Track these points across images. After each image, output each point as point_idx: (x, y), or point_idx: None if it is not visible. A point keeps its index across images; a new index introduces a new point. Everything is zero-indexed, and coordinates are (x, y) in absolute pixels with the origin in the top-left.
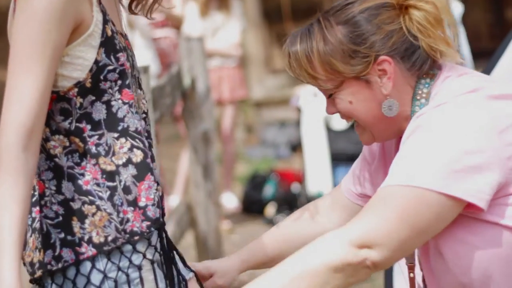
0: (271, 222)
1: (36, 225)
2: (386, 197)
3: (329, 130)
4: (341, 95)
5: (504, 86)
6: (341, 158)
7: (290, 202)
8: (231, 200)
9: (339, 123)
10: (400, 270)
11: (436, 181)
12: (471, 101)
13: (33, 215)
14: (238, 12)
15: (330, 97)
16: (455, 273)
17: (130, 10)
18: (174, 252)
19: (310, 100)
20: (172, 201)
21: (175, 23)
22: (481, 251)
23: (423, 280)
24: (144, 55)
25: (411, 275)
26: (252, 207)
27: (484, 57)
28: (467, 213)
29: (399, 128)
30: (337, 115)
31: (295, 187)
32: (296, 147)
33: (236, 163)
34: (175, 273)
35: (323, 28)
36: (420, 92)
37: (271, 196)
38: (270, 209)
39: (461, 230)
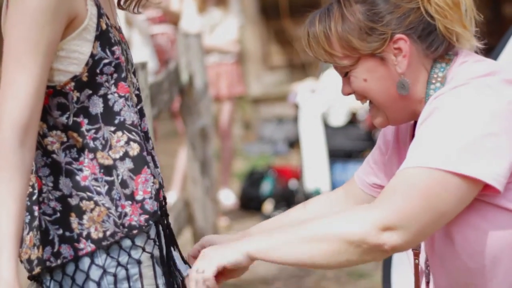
0: (268, 219)
1: (35, 222)
2: (408, 179)
3: (327, 126)
4: (357, 73)
5: None
6: (339, 155)
7: (287, 199)
8: (228, 197)
9: (337, 120)
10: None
11: (455, 163)
12: (487, 85)
13: (35, 213)
14: (236, 8)
15: (345, 75)
16: (463, 258)
17: (119, 6)
18: (173, 248)
19: (307, 96)
20: (170, 198)
21: (173, 19)
22: (492, 236)
23: (427, 265)
24: (142, 52)
25: (416, 261)
26: (249, 203)
27: (482, 54)
28: (481, 197)
29: (414, 111)
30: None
31: (292, 183)
32: (293, 143)
33: (234, 160)
34: (173, 269)
35: (342, 7)
36: (435, 76)
37: (268, 192)
38: (268, 206)
39: (473, 215)
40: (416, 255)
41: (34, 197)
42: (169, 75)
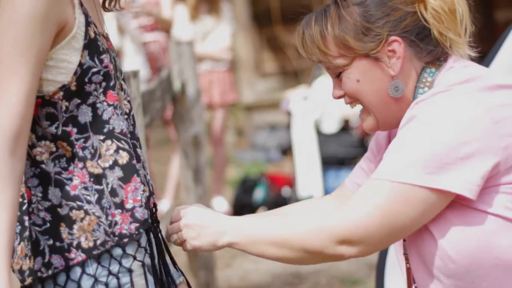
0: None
1: (26, 233)
2: (373, 190)
3: (320, 133)
4: (350, 74)
5: (504, 77)
6: (332, 162)
7: (280, 206)
8: (221, 204)
9: (330, 127)
10: (393, 269)
11: (423, 176)
12: (466, 92)
13: (26, 224)
14: (228, 15)
15: (338, 76)
16: (443, 256)
17: (105, 9)
18: (165, 255)
19: (300, 103)
20: (163, 205)
21: (164, 26)
22: (469, 236)
23: (407, 266)
24: (134, 60)
25: (408, 265)
26: (242, 211)
27: (474, 60)
28: (459, 201)
29: (403, 115)
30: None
31: (285, 191)
32: (286, 150)
33: (227, 167)
34: (165, 277)
35: (339, 8)
36: (424, 80)
37: (261, 200)
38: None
39: (449, 213)
40: (408, 259)
41: (24, 207)
42: (161, 83)
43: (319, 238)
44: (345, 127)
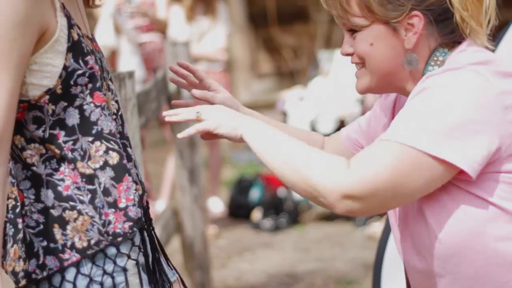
0: (257, 227)
1: (20, 235)
2: (383, 151)
3: None
4: (365, 35)
5: None
6: None
7: (276, 207)
8: (217, 205)
9: (325, 127)
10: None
11: (433, 145)
12: (479, 73)
13: (19, 226)
14: (224, 16)
15: (352, 34)
16: (433, 238)
17: (88, 6)
18: (159, 254)
19: (296, 104)
20: (158, 206)
21: (160, 27)
22: (460, 220)
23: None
24: (130, 60)
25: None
26: (238, 211)
27: None
28: (454, 181)
29: (403, 87)
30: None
31: (281, 191)
32: None
33: (222, 168)
34: (159, 275)
35: None
36: (435, 58)
37: (257, 200)
38: (257, 214)
39: (444, 195)
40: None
41: (17, 210)
42: (156, 83)
43: (328, 183)
44: (341, 127)
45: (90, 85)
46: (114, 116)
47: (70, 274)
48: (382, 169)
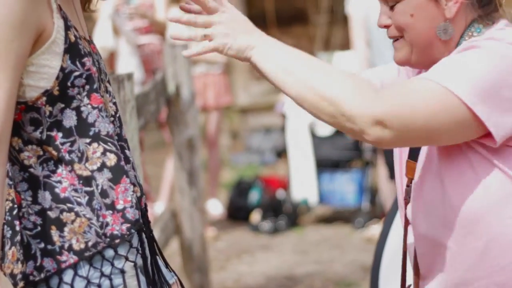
0: (256, 229)
1: (17, 237)
2: (424, 89)
3: (314, 136)
4: (406, 6)
5: None
6: (326, 164)
7: (275, 209)
8: (216, 207)
9: (324, 129)
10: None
11: (471, 96)
12: None
13: (17, 228)
14: None
15: (391, 6)
16: (447, 207)
17: (84, 10)
18: (158, 256)
19: (295, 106)
20: (157, 208)
21: (159, 29)
22: (476, 189)
23: (406, 218)
24: (129, 62)
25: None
26: (237, 213)
27: None
28: (479, 148)
29: (440, 59)
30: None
31: (280, 193)
32: (281, 153)
33: (221, 170)
34: (157, 277)
35: None
36: (470, 33)
37: (256, 202)
38: (255, 216)
39: (463, 162)
40: (407, 219)
41: (15, 212)
42: (155, 85)
43: (362, 106)
44: (340, 131)
45: (87, 87)
46: (112, 118)
47: (67, 276)
48: (419, 105)
